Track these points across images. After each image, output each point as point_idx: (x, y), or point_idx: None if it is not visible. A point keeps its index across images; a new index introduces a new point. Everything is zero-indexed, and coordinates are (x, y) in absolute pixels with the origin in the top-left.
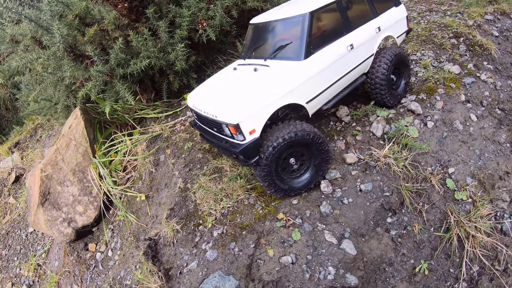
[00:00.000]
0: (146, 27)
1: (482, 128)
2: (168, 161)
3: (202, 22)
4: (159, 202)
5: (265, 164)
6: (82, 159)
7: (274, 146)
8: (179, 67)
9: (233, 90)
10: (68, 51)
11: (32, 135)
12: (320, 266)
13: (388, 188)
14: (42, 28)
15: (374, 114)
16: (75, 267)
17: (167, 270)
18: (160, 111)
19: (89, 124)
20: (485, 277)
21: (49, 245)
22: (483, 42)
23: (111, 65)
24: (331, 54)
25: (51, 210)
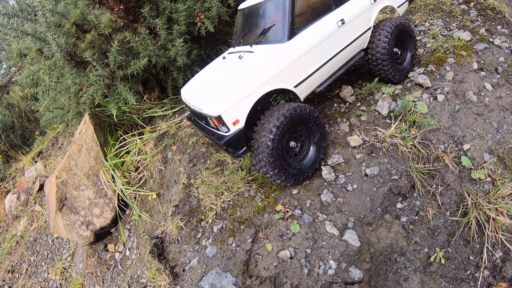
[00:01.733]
0: (145, 27)
1: (498, 98)
2: (175, 158)
3: (199, 15)
4: (169, 200)
5: (272, 147)
6: (94, 162)
7: (277, 125)
8: (180, 63)
9: (217, 80)
10: (68, 59)
11: (54, 144)
12: (320, 260)
13: (397, 171)
14: (40, 40)
15: (379, 92)
16: (96, 268)
17: (172, 267)
18: (168, 109)
19: (99, 128)
20: (510, 264)
21: (74, 248)
22: (496, 5)
23: (111, 68)
24: (319, 32)
25: (69, 215)
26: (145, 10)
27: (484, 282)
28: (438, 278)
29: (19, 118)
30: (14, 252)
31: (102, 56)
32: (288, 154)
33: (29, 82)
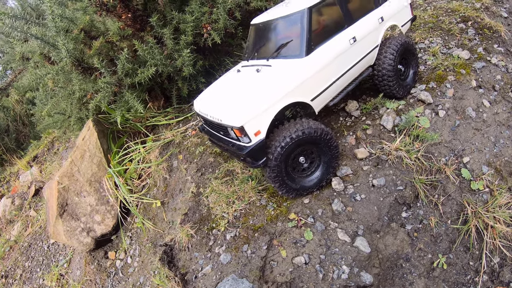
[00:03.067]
0: (152, 36)
1: (496, 114)
2: (181, 167)
3: (206, 26)
4: (174, 208)
5: (274, 165)
6: (97, 169)
7: (282, 146)
8: (186, 73)
9: (237, 92)
10: (76, 65)
11: (49, 149)
12: (334, 266)
13: (401, 181)
14: (49, 44)
15: (384, 107)
16: (96, 275)
17: (183, 275)
18: (172, 118)
19: (102, 134)
20: (507, 269)
21: (71, 254)
22: (492, 25)
23: (119, 75)
24: (333, 49)
25: (70, 221)
26: (153, 19)
27: (483, 286)
28: (440, 282)
29: (13, 121)
30: (8, 257)
31: (109, 63)
32: (294, 170)
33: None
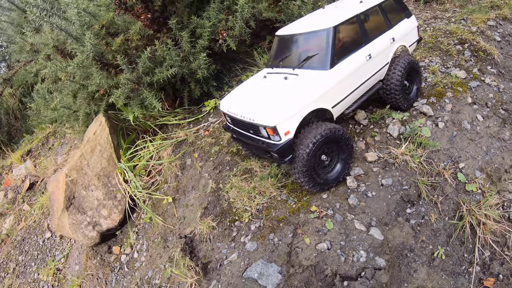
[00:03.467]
0: (168, 37)
1: (487, 127)
2: (196, 164)
3: (222, 33)
4: (186, 204)
5: (307, 159)
6: (106, 164)
7: (314, 142)
8: (200, 76)
9: (268, 96)
10: (96, 60)
11: (44, 144)
12: (353, 251)
13: (406, 182)
14: (72, 37)
15: (390, 117)
16: (98, 270)
17: (204, 264)
18: (182, 118)
19: (113, 130)
20: (496, 262)
21: (68, 250)
22: (486, 48)
23: (138, 73)
24: (352, 64)
25: (76, 214)
26: (172, 22)
27: (476, 277)
28: (439, 271)
29: (6, 115)
30: (0, 251)
31: (126, 60)
32: (318, 166)
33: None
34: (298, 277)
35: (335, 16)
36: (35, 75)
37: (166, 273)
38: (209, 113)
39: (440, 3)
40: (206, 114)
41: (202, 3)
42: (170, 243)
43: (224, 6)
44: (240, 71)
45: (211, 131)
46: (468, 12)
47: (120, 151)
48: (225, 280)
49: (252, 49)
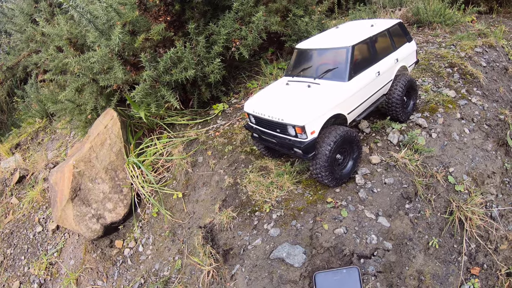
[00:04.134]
0: (184, 41)
1: (473, 139)
2: (210, 162)
3: (236, 41)
4: (196, 200)
5: (328, 155)
6: (115, 158)
7: (334, 141)
8: (212, 79)
9: (295, 100)
10: (117, 55)
11: (33, 138)
12: (366, 234)
13: (405, 181)
14: (98, 30)
15: (390, 127)
16: (98, 263)
17: (225, 251)
18: (189, 119)
19: (123, 125)
20: (481, 253)
21: (62, 244)
22: (473, 72)
23: (158, 71)
24: (365, 78)
25: (81, 206)
26: (191, 27)
27: (464, 265)
28: (434, 259)
29: None
30: None
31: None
32: (334, 163)
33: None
34: (320, 257)
35: (353, 36)
36: (36, 66)
37: (177, 264)
38: (217, 116)
39: (432, 29)
40: (214, 116)
41: (216, 11)
42: (179, 236)
43: (238, 16)
44: (246, 78)
45: (222, 132)
46: (457, 38)
47: (130, 146)
48: (250, 263)
49: (255, 59)
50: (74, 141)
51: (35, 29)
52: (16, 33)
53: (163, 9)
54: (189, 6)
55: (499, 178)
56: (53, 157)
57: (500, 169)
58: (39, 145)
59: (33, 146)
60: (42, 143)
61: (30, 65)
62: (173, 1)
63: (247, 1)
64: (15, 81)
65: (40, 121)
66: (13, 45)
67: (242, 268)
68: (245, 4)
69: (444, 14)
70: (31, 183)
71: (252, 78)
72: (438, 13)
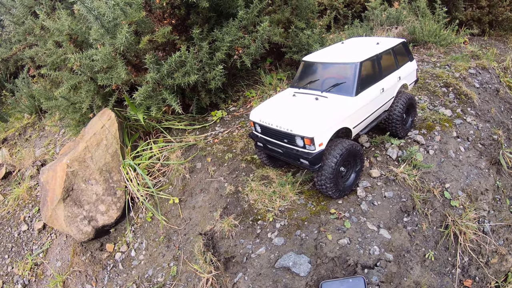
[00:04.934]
0: (187, 45)
1: (468, 157)
2: (209, 168)
3: (239, 49)
4: (193, 206)
5: (334, 167)
6: (110, 159)
7: (341, 154)
8: (213, 86)
9: (303, 111)
10: (121, 55)
11: (21, 134)
12: (369, 245)
13: (404, 195)
14: (104, 28)
15: (389, 142)
16: (87, 267)
17: (227, 259)
18: (187, 124)
19: (120, 127)
20: (473, 266)
21: (48, 245)
22: (468, 92)
23: (162, 74)
24: (371, 94)
25: (72, 207)
26: (195, 32)
27: (457, 278)
28: (430, 271)
29: None
30: None
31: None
32: (338, 175)
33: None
34: (325, 266)
35: (360, 53)
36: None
37: (172, 271)
38: (215, 123)
39: (427, 48)
40: (212, 123)
41: (220, 18)
42: (175, 242)
43: (242, 25)
44: (244, 87)
45: (221, 140)
46: (452, 59)
47: (126, 148)
48: (253, 272)
49: (253, 68)
50: (63, 140)
51: (35, 22)
52: (13, 25)
53: (169, 11)
54: (194, 11)
55: (491, 195)
56: (41, 155)
57: (492, 186)
58: (26, 141)
59: (20, 142)
60: (30, 140)
61: (25, 58)
62: (180, 5)
63: (252, 11)
64: (5, 74)
65: (29, 116)
66: (5, 37)
67: (245, 277)
68: (250, 13)
69: (439, 34)
70: (17, 180)
71: (251, 87)
72: (433, 33)
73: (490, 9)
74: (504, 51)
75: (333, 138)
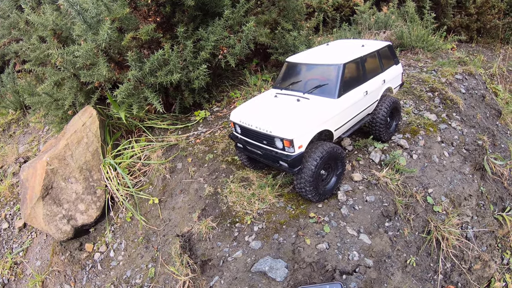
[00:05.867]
0: (171, 44)
1: (452, 162)
2: (189, 169)
3: (223, 49)
4: (173, 207)
5: (314, 171)
6: (91, 157)
7: (321, 156)
8: (196, 85)
9: (284, 113)
10: (103, 51)
11: (5, 130)
12: (348, 251)
13: (386, 200)
14: (87, 24)
15: (372, 146)
16: (66, 266)
17: (204, 261)
18: (170, 123)
19: (102, 125)
20: (456, 272)
21: (28, 243)
22: (454, 98)
23: (144, 72)
24: (354, 97)
25: (52, 205)
26: (180, 30)
27: (439, 284)
28: (411, 276)
29: None
30: None
31: None
32: (318, 178)
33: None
34: (302, 271)
35: (344, 54)
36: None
37: (150, 273)
38: (198, 122)
39: (414, 53)
40: (195, 123)
41: (206, 17)
42: (153, 243)
43: (228, 24)
44: (229, 87)
45: (203, 140)
46: (439, 64)
47: (107, 147)
48: (230, 276)
49: (239, 68)
50: (47, 137)
51: (20, 16)
52: None
53: (153, 9)
54: (180, 9)
55: (475, 200)
56: (24, 151)
57: (476, 192)
58: (10, 137)
59: (4, 138)
60: (13, 136)
61: (10, 53)
62: (165, 2)
63: (238, 10)
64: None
65: (13, 112)
66: None
67: (221, 280)
68: (236, 13)
69: (427, 40)
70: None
71: (235, 87)
72: (421, 38)
73: (479, 16)
74: (491, 58)
75: (314, 141)
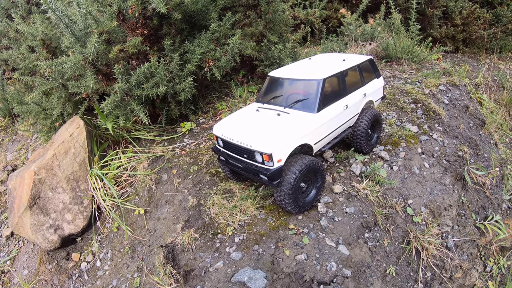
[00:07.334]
0: (158, 56)
1: (432, 173)
2: (174, 180)
3: (209, 62)
4: (158, 217)
5: (293, 184)
6: (78, 168)
7: (300, 170)
8: (182, 97)
9: (264, 127)
10: (91, 64)
11: None
12: (326, 262)
13: (366, 211)
14: (74, 36)
15: (353, 158)
16: (53, 276)
17: (186, 272)
18: (156, 134)
19: (89, 135)
20: (436, 281)
21: (16, 252)
22: (436, 109)
23: (130, 85)
24: (333, 111)
25: (39, 215)
26: (166, 43)
27: None
28: (391, 286)
29: None
30: None
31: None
32: (298, 191)
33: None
34: (281, 282)
35: (325, 69)
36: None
37: (135, 282)
38: (184, 134)
39: (399, 64)
40: (181, 135)
41: (193, 30)
42: (139, 253)
43: (214, 37)
44: (215, 99)
45: (188, 152)
46: (423, 75)
47: (94, 157)
48: (211, 286)
49: (226, 80)
50: (36, 145)
51: (10, 24)
52: None
53: (141, 21)
54: (167, 22)
55: (455, 210)
56: (12, 159)
57: (456, 202)
58: None
59: None
60: (2, 144)
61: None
62: (152, 15)
63: (224, 24)
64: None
65: (2, 120)
66: None
67: None
68: (222, 26)
69: (412, 51)
70: None
71: (222, 99)
72: (406, 50)
73: (465, 27)
74: (476, 68)
75: (294, 154)
